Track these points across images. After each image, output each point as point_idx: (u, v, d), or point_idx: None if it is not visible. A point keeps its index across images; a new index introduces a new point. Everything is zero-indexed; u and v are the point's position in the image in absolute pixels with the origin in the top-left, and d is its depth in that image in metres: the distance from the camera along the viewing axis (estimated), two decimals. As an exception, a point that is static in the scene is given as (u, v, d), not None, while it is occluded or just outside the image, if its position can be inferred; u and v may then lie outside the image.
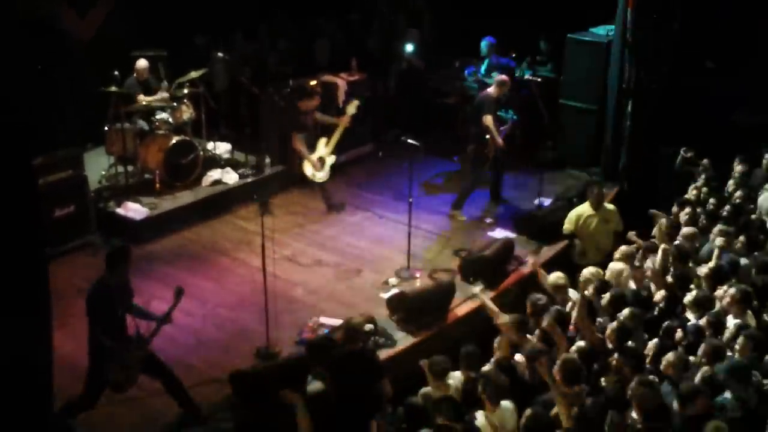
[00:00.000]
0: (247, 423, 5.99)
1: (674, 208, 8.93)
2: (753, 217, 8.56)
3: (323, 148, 9.96)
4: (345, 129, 10.10)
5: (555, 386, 5.70)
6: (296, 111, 9.97)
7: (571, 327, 6.81)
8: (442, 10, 13.80)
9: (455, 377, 6.28)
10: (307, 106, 9.96)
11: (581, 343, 6.36)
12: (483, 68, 11.52)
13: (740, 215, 8.47)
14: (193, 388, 6.87)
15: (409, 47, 12.85)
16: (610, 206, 8.92)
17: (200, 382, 7.09)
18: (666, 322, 6.67)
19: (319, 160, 9.90)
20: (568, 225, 8.96)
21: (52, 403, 5.46)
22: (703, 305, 6.76)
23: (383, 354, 7.53)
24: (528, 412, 5.41)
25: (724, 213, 8.49)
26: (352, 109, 10.13)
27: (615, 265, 7.82)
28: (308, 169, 9.86)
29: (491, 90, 10.05)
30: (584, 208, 8.88)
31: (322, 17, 13.39)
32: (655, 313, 7.07)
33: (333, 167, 10.19)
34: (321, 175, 9.94)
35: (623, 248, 8.04)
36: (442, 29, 13.72)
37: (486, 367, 6.33)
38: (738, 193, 9.06)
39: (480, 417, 5.74)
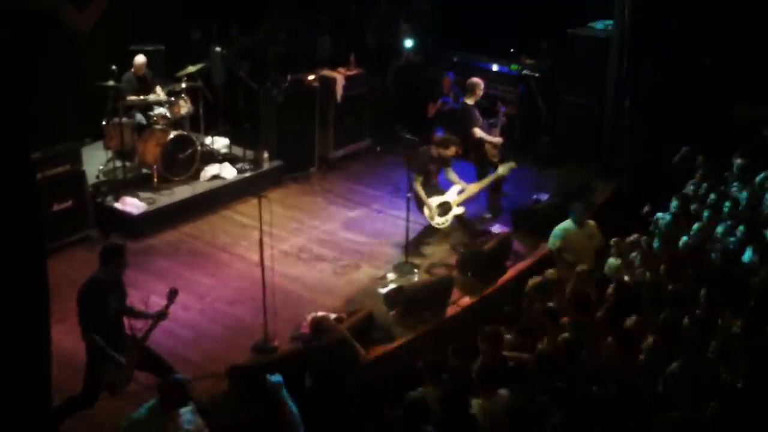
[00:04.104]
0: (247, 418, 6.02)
1: (673, 203, 8.93)
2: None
3: (453, 195, 9.20)
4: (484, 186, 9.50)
5: None
6: (426, 154, 9.17)
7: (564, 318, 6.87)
8: (442, 4, 13.78)
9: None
10: (441, 154, 9.11)
11: (566, 335, 6.41)
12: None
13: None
14: (191, 383, 6.87)
15: (408, 43, 12.84)
16: (592, 222, 8.81)
17: (198, 376, 7.09)
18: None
19: (442, 206, 9.15)
20: (556, 242, 8.66)
21: (51, 398, 5.46)
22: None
23: (381, 349, 7.56)
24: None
25: (725, 209, 8.48)
26: (503, 170, 9.40)
27: (612, 261, 7.85)
28: (426, 212, 9.18)
29: (467, 100, 9.98)
30: (568, 225, 8.65)
31: (322, 13, 13.38)
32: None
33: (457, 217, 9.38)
34: (439, 221, 9.12)
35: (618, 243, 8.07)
36: (442, 24, 13.71)
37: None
38: (737, 188, 9.05)
39: (475, 405, 5.75)
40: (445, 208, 9.13)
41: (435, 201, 9.13)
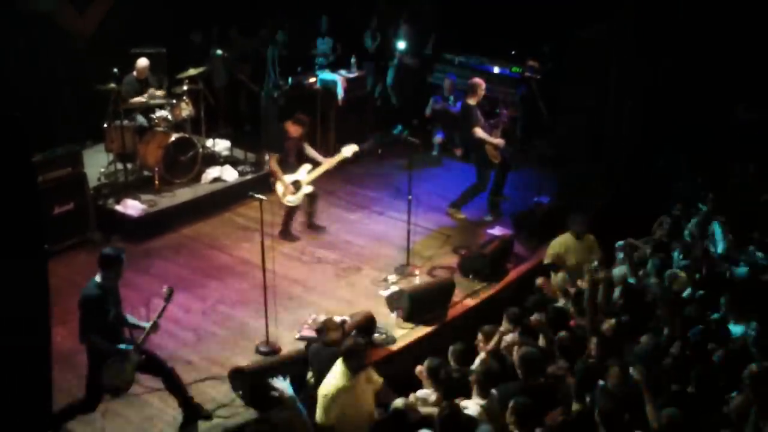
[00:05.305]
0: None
1: (677, 207, 8.95)
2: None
3: (303, 174, 9.41)
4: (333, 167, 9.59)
5: None
6: (281, 132, 9.50)
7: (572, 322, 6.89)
8: (443, 6, 13.78)
9: None
10: (293, 131, 9.40)
11: (562, 334, 6.43)
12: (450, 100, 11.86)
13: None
14: (193, 385, 6.88)
15: (401, 45, 12.83)
16: (591, 236, 8.70)
17: (200, 378, 7.09)
18: None
19: (293, 184, 9.34)
20: (553, 256, 8.49)
21: (51, 400, 5.46)
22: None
23: (383, 351, 7.55)
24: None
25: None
26: (347, 151, 9.43)
27: (619, 270, 7.86)
28: (279, 189, 9.36)
29: (469, 100, 9.99)
30: (567, 238, 8.52)
31: (322, 15, 13.38)
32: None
33: (307, 196, 9.57)
34: (290, 199, 9.36)
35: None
36: (443, 26, 13.70)
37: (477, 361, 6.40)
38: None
39: (472, 406, 5.74)
40: (296, 186, 9.35)
41: (288, 179, 9.34)
